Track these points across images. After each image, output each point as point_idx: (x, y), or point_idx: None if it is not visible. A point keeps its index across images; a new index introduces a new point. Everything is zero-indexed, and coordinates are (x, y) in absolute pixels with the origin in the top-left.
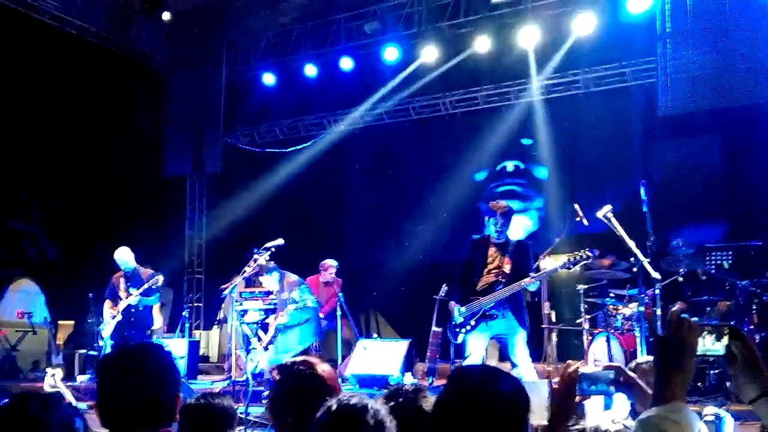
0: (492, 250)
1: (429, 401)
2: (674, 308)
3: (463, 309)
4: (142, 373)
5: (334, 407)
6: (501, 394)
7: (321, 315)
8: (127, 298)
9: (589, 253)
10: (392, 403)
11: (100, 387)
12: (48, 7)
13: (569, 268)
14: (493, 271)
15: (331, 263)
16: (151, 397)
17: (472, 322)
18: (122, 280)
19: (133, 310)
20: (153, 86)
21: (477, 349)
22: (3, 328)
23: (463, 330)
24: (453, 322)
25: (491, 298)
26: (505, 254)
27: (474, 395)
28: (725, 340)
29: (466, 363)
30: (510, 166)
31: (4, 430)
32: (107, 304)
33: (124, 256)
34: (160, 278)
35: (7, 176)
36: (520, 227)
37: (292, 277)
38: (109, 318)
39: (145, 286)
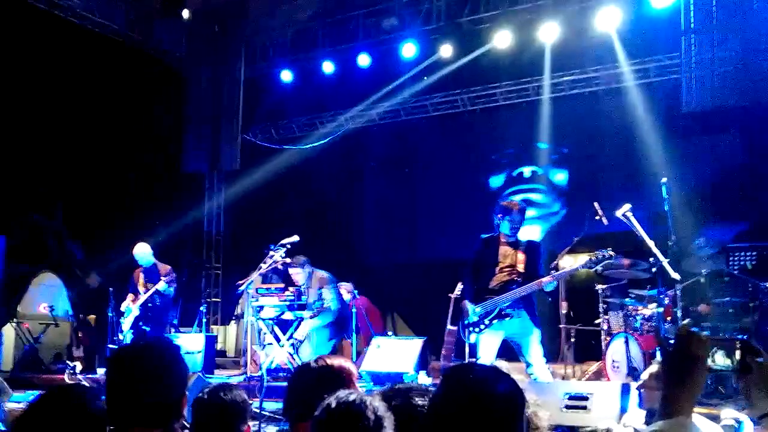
0: (504, 249)
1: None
2: (685, 322)
3: (478, 308)
4: (149, 372)
5: (333, 405)
6: (495, 394)
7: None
8: (145, 293)
9: (611, 252)
10: (392, 402)
11: (108, 384)
12: (71, 4)
13: (590, 268)
14: (506, 270)
15: (347, 286)
16: (158, 395)
17: (487, 321)
18: (141, 276)
19: (150, 305)
20: (173, 83)
21: (489, 349)
22: (26, 321)
23: (477, 329)
24: (466, 321)
25: (509, 296)
26: (518, 252)
27: (468, 394)
28: (737, 354)
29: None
30: (527, 171)
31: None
32: (129, 297)
33: (143, 252)
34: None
35: (29, 172)
36: (537, 231)
37: (321, 274)
38: (126, 310)
39: (163, 283)
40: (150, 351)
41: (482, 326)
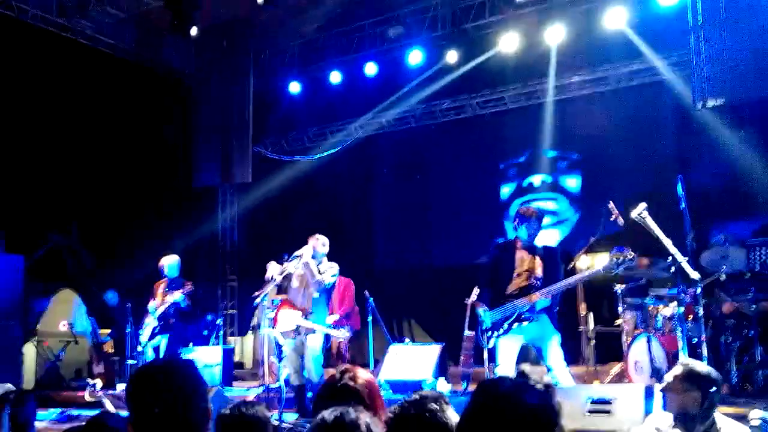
0: (521, 254)
1: (448, 413)
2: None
3: (493, 313)
4: (169, 391)
5: (322, 423)
6: (527, 409)
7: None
8: (162, 303)
9: (632, 254)
10: (409, 414)
11: (130, 405)
12: (81, 27)
13: (611, 271)
14: (524, 274)
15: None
16: (181, 412)
17: (506, 326)
18: (162, 286)
19: (167, 316)
20: (183, 99)
21: (509, 354)
22: (47, 338)
23: (496, 333)
24: (482, 327)
25: (528, 300)
26: (536, 258)
27: (500, 409)
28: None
29: (497, 370)
30: (537, 181)
31: None
32: (152, 302)
33: (172, 263)
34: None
35: (45, 191)
36: (554, 236)
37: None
38: (151, 310)
39: (178, 294)
40: (169, 370)
41: (502, 330)
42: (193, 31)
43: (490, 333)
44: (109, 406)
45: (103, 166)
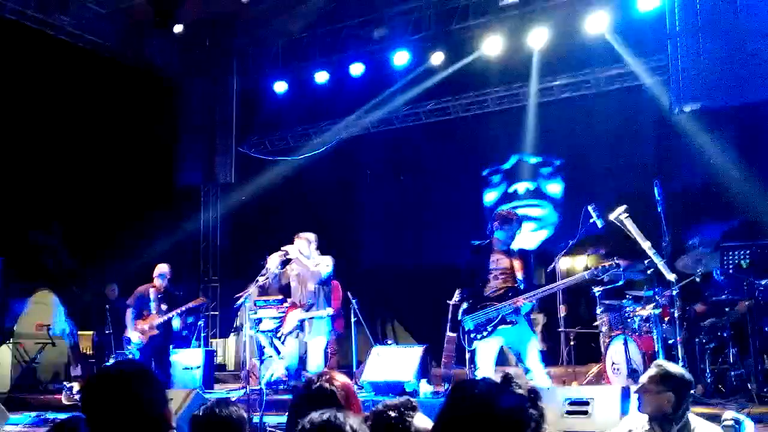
0: (497, 256)
1: (418, 419)
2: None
3: (473, 315)
4: (123, 398)
5: (307, 425)
6: (500, 409)
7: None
8: (158, 314)
9: (618, 262)
10: (379, 421)
11: (85, 412)
12: (62, 23)
13: (597, 277)
14: (501, 277)
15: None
16: (135, 418)
17: (489, 328)
18: (153, 293)
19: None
20: (166, 98)
21: (488, 356)
22: (23, 340)
23: (479, 336)
24: (465, 329)
25: (513, 303)
26: (513, 260)
27: (473, 409)
28: None
29: (477, 373)
30: (521, 188)
31: None
32: (129, 313)
33: (165, 272)
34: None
35: (25, 190)
36: (537, 239)
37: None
38: (139, 333)
39: (178, 321)
40: (122, 377)
41: (485, 333)
42: (177, 28)
43: (473, 335)
44: None
45: (85, 164)
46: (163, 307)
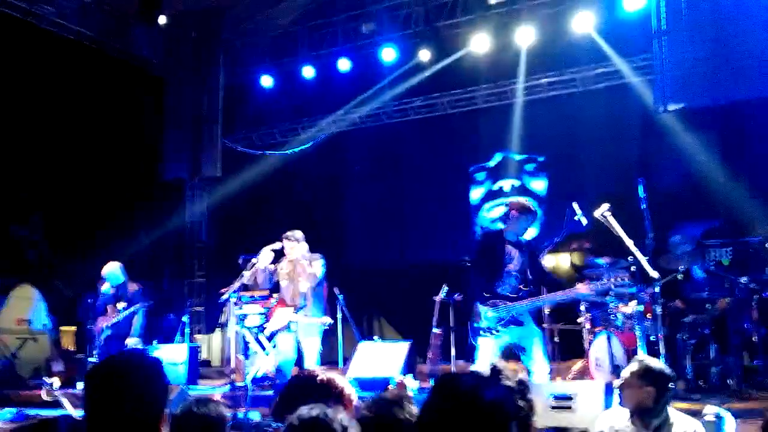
0: (510, 249)
1: (408, 411)
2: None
3: (490, 312)
4: (128, 387)
5: (296, 423)
6: (485, 403)
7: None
8: (113, 313)
9: (627, 281)
10: (373, 414)
11: (86, 400)
12: (45, 12)
13: (607, 293)
14: (514, 273)
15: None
16: (139, 411)
17: (499, 327)
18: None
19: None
20: (151, 90)
21: (488, 354)
22: (3, 334)
23: (489, 334)
24: (477, 324)
25: (528, 304)
26: (525, 257)
27: (457, 402)
28: None
29: (473, 368)
30: (507, 186)
31: None
32: (101, 321)
33: (113, 271)
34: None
35: (7, 181)
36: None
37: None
38: (97, 330)
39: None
40: (129, 365)
41: (495, 331)
42: (162, 19)
43: (482, 332)
44: (68, 406)
45: (67, 156)
46: (120, 305)
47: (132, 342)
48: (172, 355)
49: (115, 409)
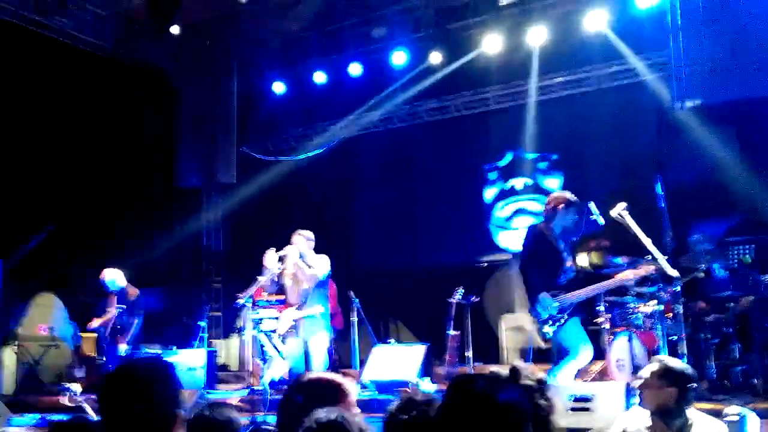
0: (561, 245)
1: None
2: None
3: (555, 303)
4: (142, 390)
5: (313, 425)
6: (500, 403)
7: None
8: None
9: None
10: (405, 416)
11: (104, 404)
12: (60, 24)
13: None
14: (569, 266)
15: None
16: (156, 414)
17: (565, 316)
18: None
19: (118, 326)
20: (165, 99)
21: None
22: (26, 342)
23: (556, 325)
24: (546, 314)
25: (588, 292)
26: (571, 247)
27: (473, 403)
28: None
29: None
30: (519, 184)
31: None
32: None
33: (113, 278)
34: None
35: (24, 193)
36: None
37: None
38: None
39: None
40: (149, 370)
41: (561, 321)
42: (175, 29)
43: (551, 322)
44: (90, 411)
45: (84, 166)
46: (115, 310)
47: (123, 348)
48: (191, 360)
49: (129, 414)
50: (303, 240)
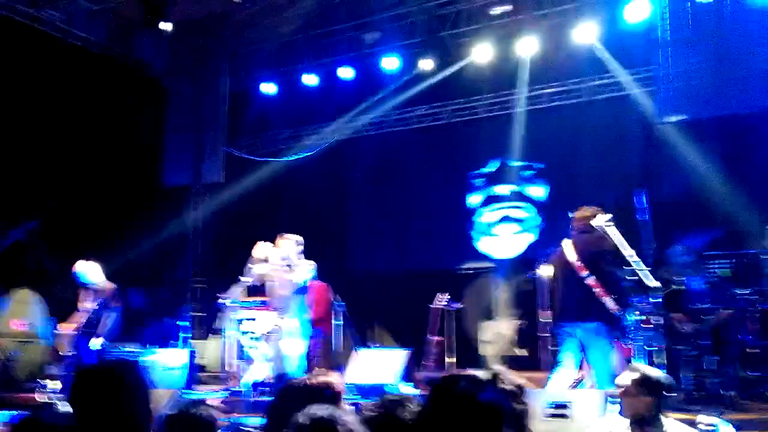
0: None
1: (411, 411)
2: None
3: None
4: (119, 392)
5: (302, 421)
6: (480, 404)
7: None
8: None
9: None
10: (377, 414)
11: (73, 402)
12: (52, 18)
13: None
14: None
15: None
16: (127, 415)
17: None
18: (83, 292)
19: (93, 320)
20: (155, 96)
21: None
22: (1, 338)
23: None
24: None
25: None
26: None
27: (455, 403)
28: None
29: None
30: (506, 190)
31: None
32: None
33: (86, 270)
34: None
35: (7, 185)
36: (522, 242)
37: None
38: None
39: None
40: (120, 370)
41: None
42: (167, 26)
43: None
44: (62, 408)
45: (69, 161)
46: (91, 305)
47: (96, 342)
48: (170, 360)
49: (97, 414)
50: (292, 244)
